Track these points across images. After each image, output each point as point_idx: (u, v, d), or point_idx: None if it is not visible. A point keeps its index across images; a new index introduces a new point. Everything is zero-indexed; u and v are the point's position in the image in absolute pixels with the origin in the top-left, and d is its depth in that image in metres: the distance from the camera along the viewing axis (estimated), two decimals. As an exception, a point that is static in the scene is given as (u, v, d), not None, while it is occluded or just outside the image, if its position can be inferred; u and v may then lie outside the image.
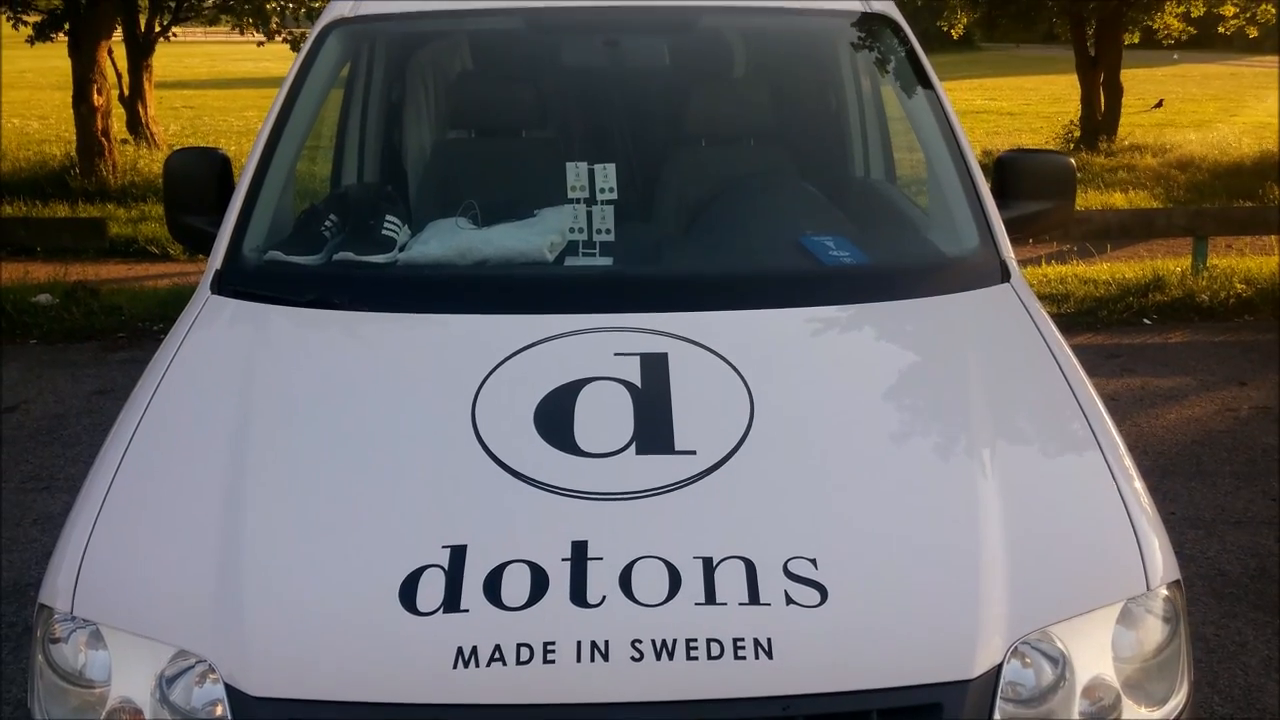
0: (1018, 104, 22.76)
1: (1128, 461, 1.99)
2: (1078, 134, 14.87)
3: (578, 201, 2.63)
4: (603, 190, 2.64)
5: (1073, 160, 2.93)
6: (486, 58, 3.76)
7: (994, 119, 19.70)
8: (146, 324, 6.85)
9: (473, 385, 2.06)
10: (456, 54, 3.96)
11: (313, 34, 3.01)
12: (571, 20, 3.11)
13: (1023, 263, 8.27)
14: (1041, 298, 7.04)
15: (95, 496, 1.90)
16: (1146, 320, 6.98)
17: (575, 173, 2.64)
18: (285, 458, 1.96)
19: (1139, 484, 1.95)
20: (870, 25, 3.08)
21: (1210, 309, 7.06)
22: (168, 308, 6.95)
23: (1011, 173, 2.84)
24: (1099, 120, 14.55)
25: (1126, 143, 14.74)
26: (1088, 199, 11.30)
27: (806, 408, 2.08)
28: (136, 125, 13.32)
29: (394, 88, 3.86)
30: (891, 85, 3.20)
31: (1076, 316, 7.01)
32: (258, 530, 1.80)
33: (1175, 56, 23.23)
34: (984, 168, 2.78)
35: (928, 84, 2.90)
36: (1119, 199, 11.44)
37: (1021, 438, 2.08)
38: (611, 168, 2.65)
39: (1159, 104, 21.00)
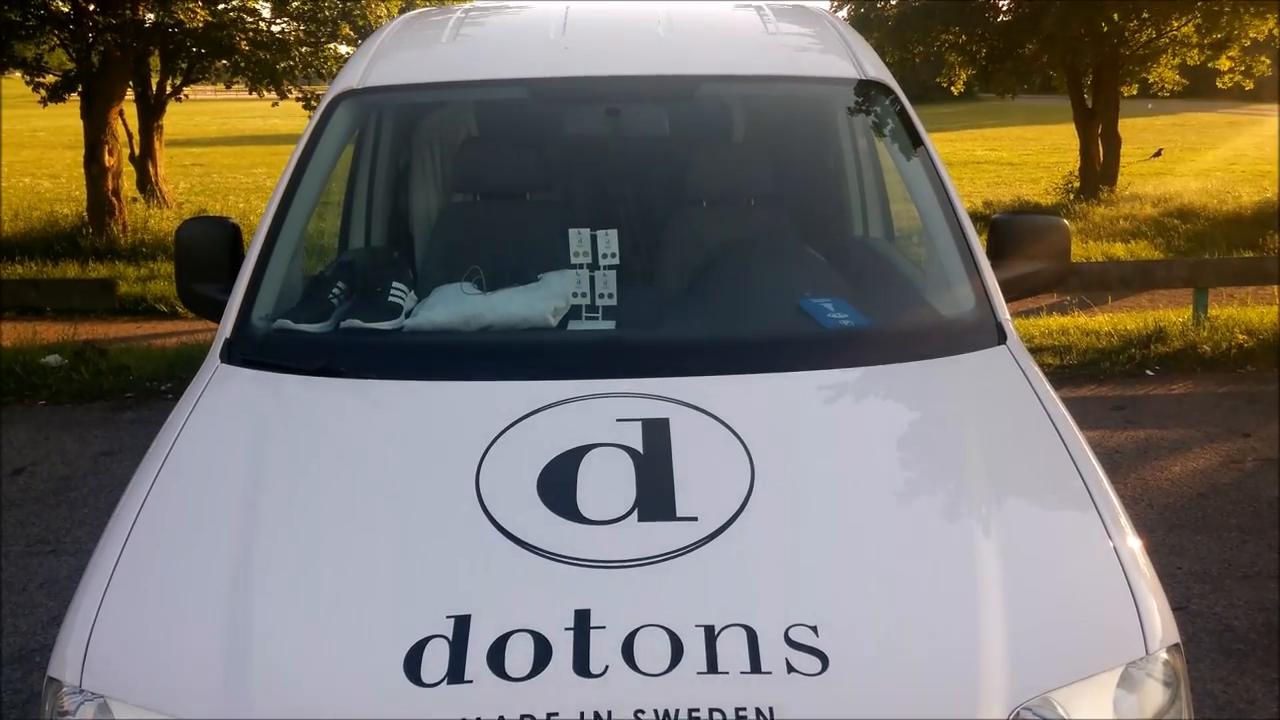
0: (1018, 154, 22.98)
1: (1124, 522, 2.01)
2: (1077, 184, 14.99)
3: (581, 267, 2.68)
4: (605, 255, 2.70)
5: (1066, 221, 2.97)
6: (492, 125, 3.84)
7: (995, 169, 19.89)
8: (154, 384, 6.88)
9: (477, 453, 2.08)
10: (462, 121, 4.04)
11: (322, 105, 3.08)
12: (574, 91, 3.18)
13: (1024, 314, 8.29)
14: (1044, 349, 7.14)
15: (104, 567, 1.92)
16: (1149, 371, 7.00)
17: (578, 238, 2.70)
18: (292, 528, 1.98)
19: (1137, 546, 1.97)
20: (866, 92, 3.15)
21: (1212, 360, 7.08)
22: (176, 367, 7.00)
23: (1006, 234, 2.88)
24: (1098, 170, 14.68)
25: (1127, 192, 14.86)
26: (1088, 249, 11.40)
27: (806, 473, 2.10)
28: (146, 184, 13.49)
29: (401, 154, 3.94)
30: (887, 150, 3.26)
31: (1079, 368, 7.03)
32: (264, 603, 1.82)
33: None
34: (984, 219, 2.82)
35: (922, 148, 2.96)
36: (1119, 249, 11.52)
37: (1020, 502, 2.10)
38: (614, 233, 2.71)
39: (1158, 153, 21.20)
